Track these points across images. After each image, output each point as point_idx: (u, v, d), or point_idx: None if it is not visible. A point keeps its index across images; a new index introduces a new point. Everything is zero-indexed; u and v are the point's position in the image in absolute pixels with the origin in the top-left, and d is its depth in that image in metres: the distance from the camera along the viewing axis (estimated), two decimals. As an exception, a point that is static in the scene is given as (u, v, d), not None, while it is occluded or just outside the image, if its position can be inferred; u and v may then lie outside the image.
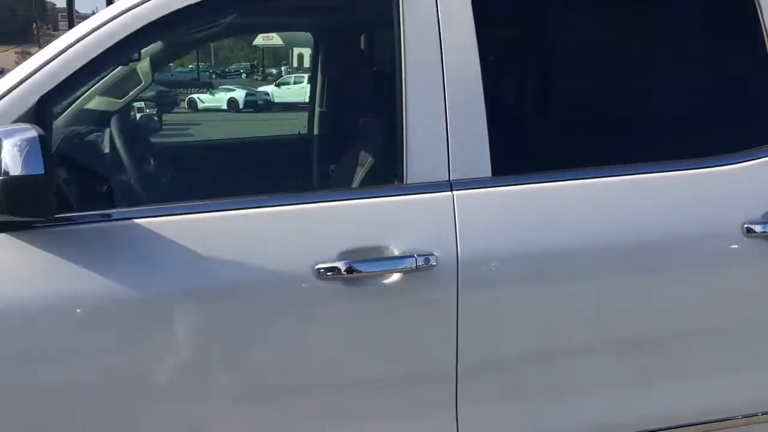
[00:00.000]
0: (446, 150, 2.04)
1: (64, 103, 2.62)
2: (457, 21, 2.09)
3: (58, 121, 2.61)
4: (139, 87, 3.23)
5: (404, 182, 2.04)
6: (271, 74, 39.24)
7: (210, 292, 1.92)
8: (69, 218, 1.86)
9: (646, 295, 2.14)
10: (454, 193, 2.03)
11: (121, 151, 2.62)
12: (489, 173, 2.06)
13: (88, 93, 2.92)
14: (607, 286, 2.12)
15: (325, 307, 1.98)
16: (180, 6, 1.96)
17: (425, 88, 2.05)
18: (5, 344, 1.82)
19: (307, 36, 3.81)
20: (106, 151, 2.84)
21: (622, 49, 2.37)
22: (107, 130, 2.88)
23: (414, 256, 1.97)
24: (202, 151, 3.97)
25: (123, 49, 2.00)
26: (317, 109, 3.62)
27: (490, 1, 2.16)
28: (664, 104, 2.36)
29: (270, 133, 10.04)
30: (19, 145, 1.64)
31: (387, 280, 1.98)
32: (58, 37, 2.12)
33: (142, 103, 5.36)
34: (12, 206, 1.67)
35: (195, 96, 25.61)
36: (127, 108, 3.40)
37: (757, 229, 2.13)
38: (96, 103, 3.10)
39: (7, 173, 1.64)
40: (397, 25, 2.08)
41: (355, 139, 2.57)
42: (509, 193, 2.07)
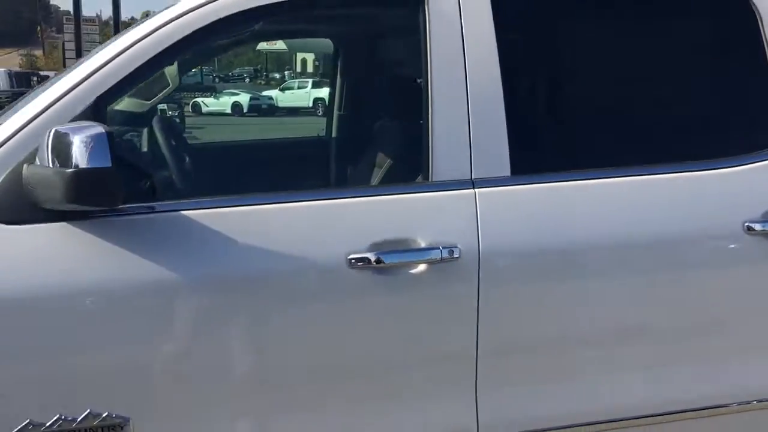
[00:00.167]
0: (468, 150, 2.18)
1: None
2: (479, 24, 2.21)
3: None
4: (166, 89, 3.37)
5: (430, 180, 2.19)
6: (274, 79, 39.26)
7: (251, 282, 2.04)
8: (121, 210, 1.99)
9: (655, 289, 2.28)
10: (476, 190, 2.17)
11: (164, 149, 2.75)
12: (508, 172, 2.21)
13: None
14: (618, 280, 2.26)
15: (356, 294, 2.10)
16: (227, 14, 2.11)
17: (450, 92, 2.19)
18: (80, 327, 1.96)
19: (311, 41, 3.87)
20: (145, 149, 2.97)
21: (635, 54, 2.48)
22: (144, 130, 3.02)
23: (439, 248, 2.10)
24: (236, 150, 4.09)
25: (174, 53, 2.13)
26: (337, 113, 3.71)
27: (509, 3, 2.29)
28: (678, 109, 2.48)
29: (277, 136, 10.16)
30: (87, 141, 1.78)
31: (413, 270, 2.11)
32: (61, 40, 2.23)
33: (165, 105, 5.47)
34: (80, 196, 1.80)
35: (199, 99, 25.47)
36: (154, 110, 3.54)
37: (757, 227, 2.29)
38: (125, 105, 3.24)
39: (77, 166, 1.78)
40: (423, 33, 2.20)
41: (381, 141, 2.72)
42: (526, 192, 2.21)
